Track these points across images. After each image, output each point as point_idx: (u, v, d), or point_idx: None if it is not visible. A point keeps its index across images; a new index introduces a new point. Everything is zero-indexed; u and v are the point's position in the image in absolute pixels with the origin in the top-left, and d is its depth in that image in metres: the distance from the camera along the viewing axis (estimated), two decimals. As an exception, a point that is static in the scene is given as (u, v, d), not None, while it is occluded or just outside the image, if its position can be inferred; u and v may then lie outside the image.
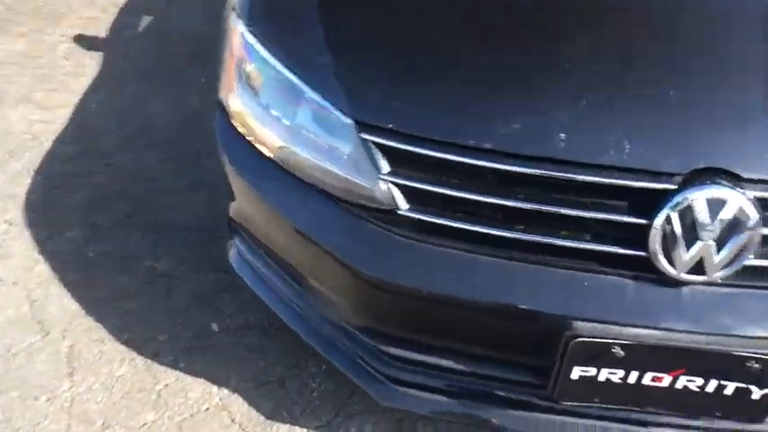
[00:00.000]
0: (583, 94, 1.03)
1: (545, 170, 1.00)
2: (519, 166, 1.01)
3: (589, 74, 1.06)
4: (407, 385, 1.25)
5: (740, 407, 1.08)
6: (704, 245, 0.98)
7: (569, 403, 1.14)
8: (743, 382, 1.04)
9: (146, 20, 3.02)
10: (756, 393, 1.05)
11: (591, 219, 1.02)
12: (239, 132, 1.28)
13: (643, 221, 1.00)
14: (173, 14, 3.06)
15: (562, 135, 1.00)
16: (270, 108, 1.21)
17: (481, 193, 1.04)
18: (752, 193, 0.96)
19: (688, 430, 1.17)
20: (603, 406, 1.13)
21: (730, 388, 1.06)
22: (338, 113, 1.11)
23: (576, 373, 1.07)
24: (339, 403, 1.54)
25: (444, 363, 1.21)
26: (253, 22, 1.28)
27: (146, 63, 2.73)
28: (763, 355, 1.00)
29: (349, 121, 1.10)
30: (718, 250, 0.98)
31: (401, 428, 1.50)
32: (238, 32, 1.29)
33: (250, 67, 1.26)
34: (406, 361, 1.24)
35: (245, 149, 1.26)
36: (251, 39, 1.25)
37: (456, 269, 1.08)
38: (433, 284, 1.09)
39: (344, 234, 1.14)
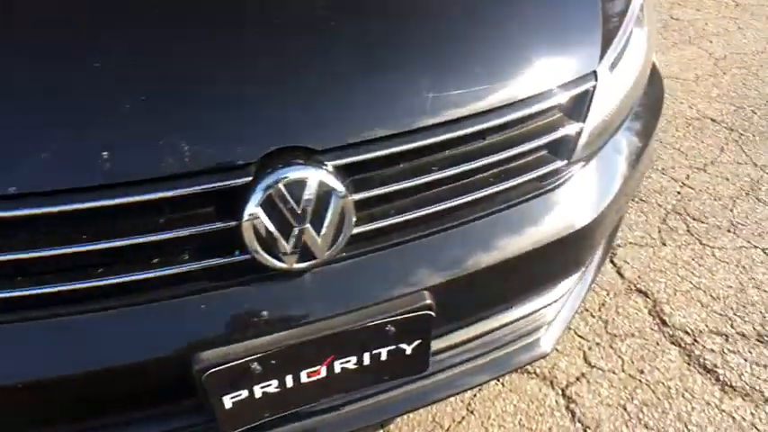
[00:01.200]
0: (120, 101, 0.85)
1: (93, 201, 0.82)
2: (62, 204, 0.81)
3: (126, 76, 0.88)
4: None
5: (402, 365, 1.07)
6: (300, 230, 0.90)
7: (241, 429, 1.03)
8: (391, 345, 1.03)
9: None
10: (408, 349, 1.05)
11: (178, 238, 0.88)
12: None
13: (233, 224, 0.88)
14: None
15: (104, 154, 0.83)
16: None
17: (31, 248, 0.83)
18: (331, 164, 0.90)
19: (370, 398, 1.16)
20: (277, 416, 1.05)
21: (384, 353, 1.04)
22: None
23: (229, 401, 0.96)
24: None
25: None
26: None
27: None
28: (394, 317, 0.98)
29: None
30: (319, 231, 0.91)
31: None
32: None
33: None
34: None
35: None
36: None
37: (43, 343, 0.87)
38: (20, 371, 0.87)
39: None
